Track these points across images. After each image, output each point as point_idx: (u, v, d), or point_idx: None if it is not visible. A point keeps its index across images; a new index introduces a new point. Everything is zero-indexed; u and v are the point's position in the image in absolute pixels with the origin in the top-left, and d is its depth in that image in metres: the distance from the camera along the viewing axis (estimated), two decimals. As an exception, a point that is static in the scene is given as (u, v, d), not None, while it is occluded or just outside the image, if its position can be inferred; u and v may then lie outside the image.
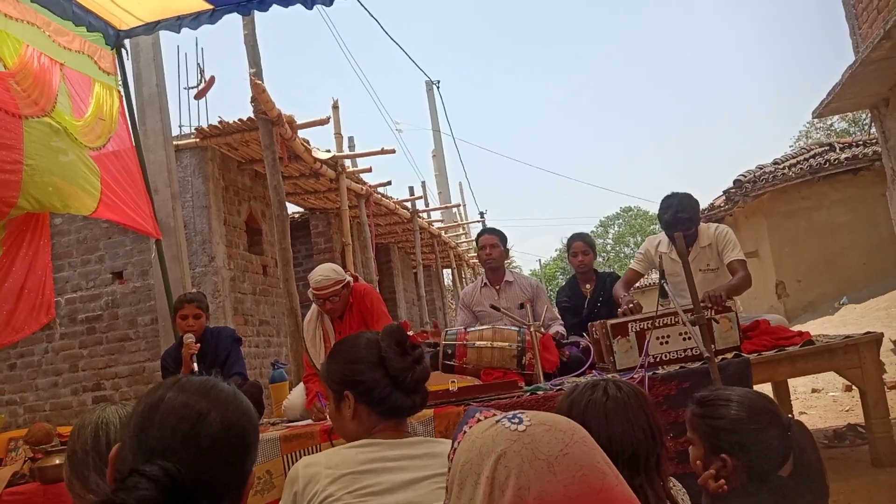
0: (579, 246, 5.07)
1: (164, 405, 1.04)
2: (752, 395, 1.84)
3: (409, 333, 1.85)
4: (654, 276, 4.48)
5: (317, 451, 2.56)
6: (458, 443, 0.95)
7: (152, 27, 5.01)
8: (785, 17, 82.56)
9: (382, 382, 1.71)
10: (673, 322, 3.64)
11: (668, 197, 4.30)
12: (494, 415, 0.96)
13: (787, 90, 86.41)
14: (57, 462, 3.33)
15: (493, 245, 4.89)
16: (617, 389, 1.54)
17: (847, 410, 5.21)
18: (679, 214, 4.20)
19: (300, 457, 3.21)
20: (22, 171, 4.12)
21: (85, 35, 4.82)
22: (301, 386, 4.29)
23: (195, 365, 4.06)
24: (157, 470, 0.94)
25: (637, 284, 4.85)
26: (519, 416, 0.92)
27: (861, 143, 12.51)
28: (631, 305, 4.00)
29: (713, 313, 3.59)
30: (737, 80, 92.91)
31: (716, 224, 4.59)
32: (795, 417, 4.94)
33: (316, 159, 7.81)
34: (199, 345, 4.18)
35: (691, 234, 4.25)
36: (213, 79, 7.54)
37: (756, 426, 1.71)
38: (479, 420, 0.97)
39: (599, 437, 1.02)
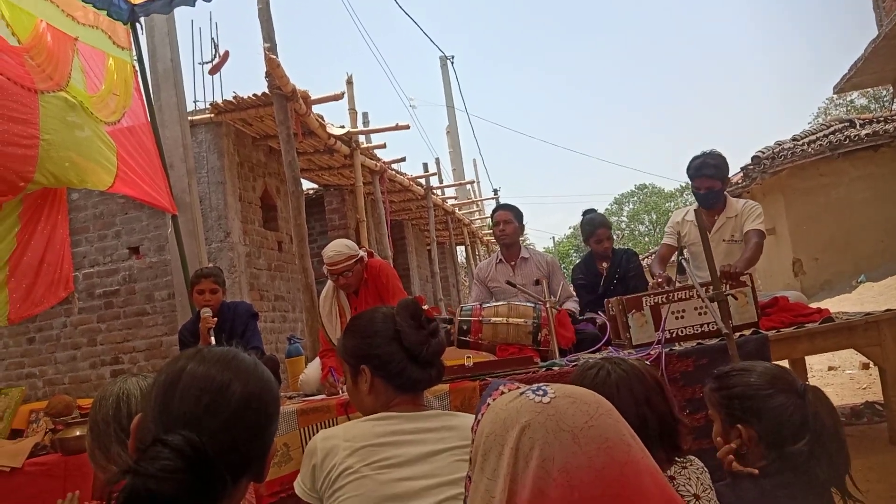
0: (603, 233, 5.00)
1: (185, 376, 1.04)
2: (766, 365, 1.82)
3: (424, 307, 1.85)
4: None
5: (333, 425, 2.58)
6: (482, 414, 0.94)
7: (168, 3, 4.99)
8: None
9: (398, 356, 1.72)
10: (688, 296, 3.62)
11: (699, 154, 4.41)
12: (518, 387, 0.96)
13: (807, 66, 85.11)
14: (77, 433, 3.37)
15: (507, 221, 4.84)
16: (612, 371, 1.54)
17: (864, 388, 5.18)
18: (707, 160, 4.27)
19: (317, 430, 3.23)
20: (38, 146, 4.12)
21: (99, 10, 4.81)
22: (317, 361, 4.31)
23: (212, 339, 4.09)
24: (180, 440, 0.94)
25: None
26: (543, 388, 0.91)
27: (882, 119, 12.31)
28: (663, 279, 4.04)
29: (728, 288, 3.57)
30: (757, 55, 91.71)
31: (748, 200, 4.62)
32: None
33: (330, 135, 7.79)
34: (216, 318, 4.21)
35: (716, 192, 4.30)
36: (227, 54, 7.52)
37: (769, 392, 1.68)
38: (503, 392, 0.96)
39: None
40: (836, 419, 1.68)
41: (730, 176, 4.58)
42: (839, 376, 5.88)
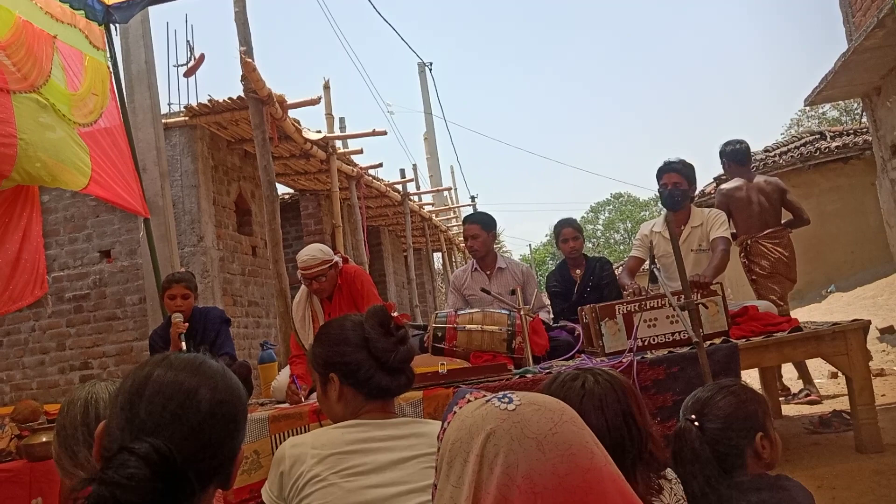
0: (569, 232, 5.05)
1: (152, 382, 1.03)
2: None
3: (393, 314, 1.85)
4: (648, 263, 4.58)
5: (305, 432, 2.56)
6: (448, 422, 0.95)
7: (138, 3, 4.96)
8: (778, 3, 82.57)
9: (367, 363, 1.71)
10: (660, 305, 3.66)
11: None
12: (485, 395, 0.96)
13: (779, 78, 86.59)
14: (44, 439, 3.31)
15: (474, 236, 4.79)
16: (595, 382, 1.51)
17: (832, 397, 5.26)
18: (672, 163, 4.40)
19: (288, 437, 3.21)
20: (16, 145, 4.07)
21: (75, 9, 4.77)
22: (288, 367, 4.28)
23: (183, 344, 4.05)
24: (147, 447, 0.93)
25: None
26: (509, 395, 0.92)
27: (852, 131, 12.57)
28: (635, 290, 4.08)
29: (699, 297, 3.62)
30: (729, 66, 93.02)
31: (711, 208, 4.69)
32: (781, 403, 5.00)
33: (306, 140, 7.76)
34: (187, 324, 4.17)
35: (682, 191, 4.38)
36: (202, 56, 7.47)
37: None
38: (469, 400, 0.97)
39: None
40: (696, 464, 1.71)
41: (702, 187, 4.67)
42: (808, 385, 5.95)
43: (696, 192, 4.90)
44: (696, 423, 1.75)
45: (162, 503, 0.92)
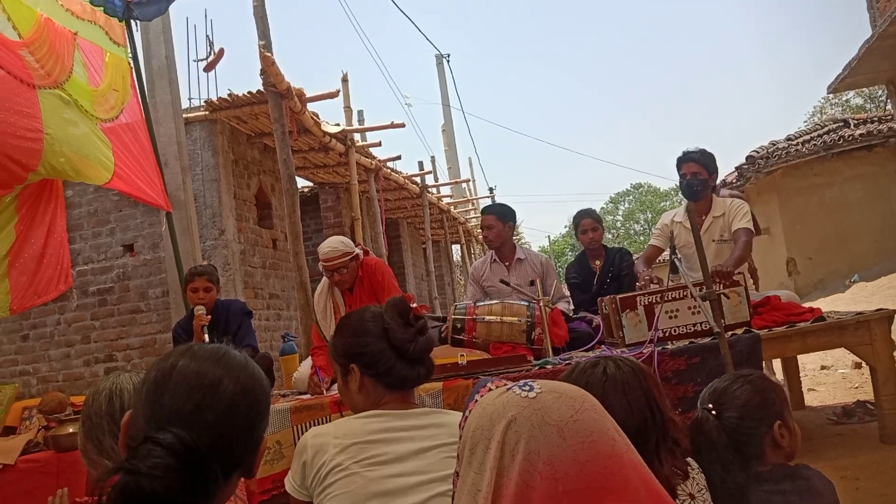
0: (588, 223, 5.03)
1: (176, 372, 1.04)
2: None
3: (412, 305, 1.86)
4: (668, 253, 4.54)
5: (327, 422, 2.58)
6: (470, 411, 0.95)
7: (164, 3, 5.01)
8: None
9: (386, 354, 1.72)
10: (682, 296, 3.64)
11: None
12: (506, 384, 0.97)
13: (802, 65, 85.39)
14: (70, 430, 3.37)
15: (489, 226, 4.80)
16: (616, 368, 1.51)
17: (856, 387, 5.21)
18: (691, 152, 4.36)
19: (310, 427, 3.24)
20: (43, 140, 4.13)
21: (95, 6, 4.81)
22: (310, 359, 4.31)
23: (206, 336, 4.09)
24: (171, 437, 0.94)
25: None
26: (530, 383, 0.92)
27: (876, 119, 12.37)
28: (648, 279, 4.04)
29: (721, 288, 3.59)
30: (752, 55, 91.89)
31: (734, 198, 4.65)
32: (804, 394, 4.96)
33: (325, 133, 7.78)
34: (209, 316, 4.21)
35: (701, 181, 4.34)
36: (222, 51, 7.49)
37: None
38: (490, 389, 0.97)
39: None
40: (714, 453, 1.69)
41: (724, 176, 4.64)
42: (832, 375, 5.91)
43: (718, 182, 4.86)
44: (714, 413, 1.74)
45: (187, 492, 0.93)
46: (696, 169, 4.32)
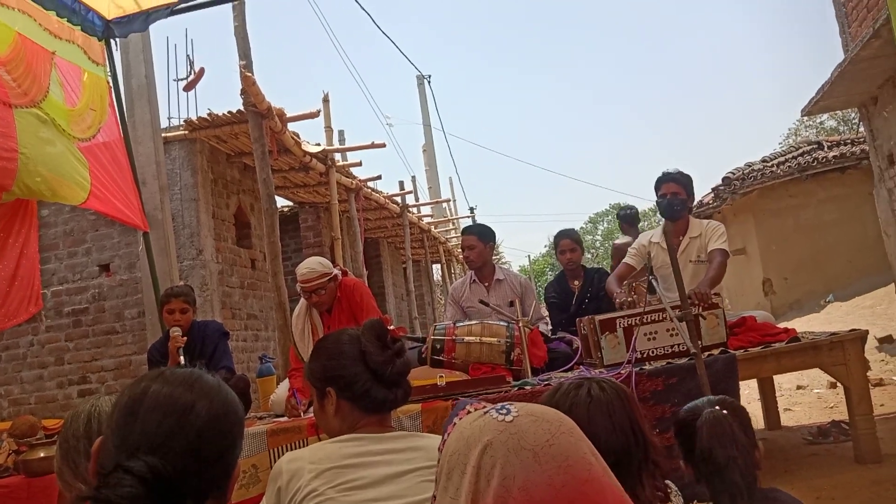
0: (567, 244, 5.06)
1: (147, 398, 1.02)
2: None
3: (389, 328, 1.85)
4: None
5: (304, 446, 2.56)
6: (448, 434, 0.95)
7: (144, 20, 5.00)
8: (775, 15, 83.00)
9: (363, 377, 1.71)
10: (661, 318, 3.66)
11: None
12: (484, 407, 0.96)
13: (777, 88, 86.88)
14: (42, 455, 3.30)
15: (470, 247, 4.81)
16: (600, 390, 1.51)
17: (831, 407, 5.25)
18: (671, 173, 4.40)
19: (286, 451, 3.20)
20: (17, 160, 4.09)
21: (73, 25, 4.79)
22: (287, 381, 4.27)
23: (182, 358, 4.04)
24: (142, 466, 0.92)
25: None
26: (507, 407, 0.92)
27: (849, 141, 12.59)
28: (623, 300, 4.06)
29: (700, 310, 3.62)
30: (726, 78, 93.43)
31: (710, 220, 4.70)
32: (780, 414, 4.99)
33: (306, 153, 7.78)
34: (185, 338, 4.16)
35: (680, 200, 4.38)
36: (202, 70, 7.49)
37: (681, 425, 1.84)
38: (469, 412, 0.97)
39: None
40: (730, 452, 1.72)
41: (700, 197, 4.69)
42: (807, 395, 5.96)
43: (694, 203, 4.91)
44: (724, 410, 1.77)
45: None
46: (676, 189, 4.37)
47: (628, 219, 7.00)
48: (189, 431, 1.00)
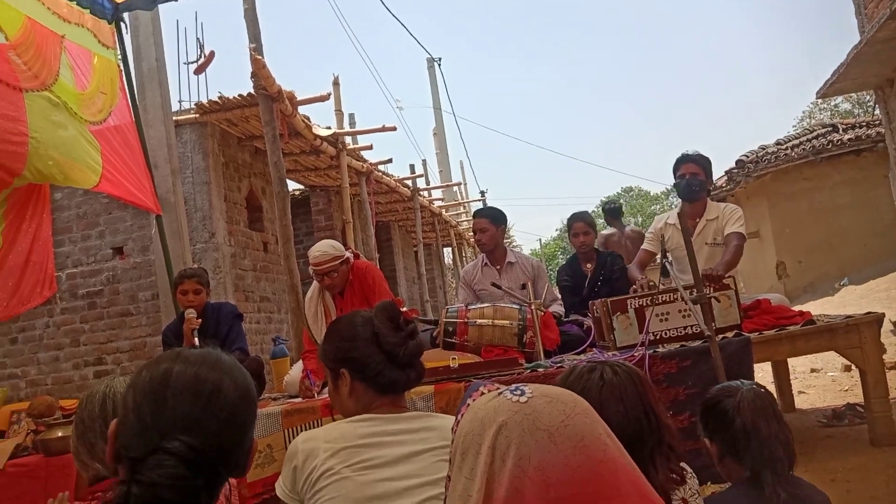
0: (580, 227, 5.04)
1: (174, 379, 1.03)
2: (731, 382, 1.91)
3: (402, 309, 1.86)
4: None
5: (318, 426, 2.57)
6: (462, 415, 0.95)
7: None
8: (772, 12, 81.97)
9: (376, 358, 1.72)
10: (672, 299, 3.64)
11: None
12: (498, 388, 0.96)
13: (791, 71, 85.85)
14: (59, 434, 3.34)
15: (482, 230, 4.78)
16: (613, 374, 1.50)
17: (846, 390, 5.23)
18: (690, 154, 4.39)
19: (301, 431, 3.22)
20: (28, 144, 4.10)
21: (82, 8, 4.79)
22: (301, 362, 4.30)
23: (196, 340, 4.06)
24: (180, 446, 0.94)
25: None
26: (521, 388, 0.92)
27: (864, 124, 12.46)
28: (644, 283, 4.05)
29: (712, 291, 3.60)
30: (740, 60, 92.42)
31: (728, 203, 4.67)
32: (794, 397, 4.98)
33: (316, 136, 7.77)
34: (200, 319, 4.18)
35: (699, 182, 4.36)
36: (212, 54, 7.47)
37: (715, 407, 1.83)
38: (482, 393, 0.97)
39: None
40: (773, 427, 1.73)
41: (714, 180, 4.65)
42: (822, 378, 5.94)
43: (711, 186, 4.88)
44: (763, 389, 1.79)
45: (201, 497, 0.95)
46: (696, 170, 4.34)
47: (613, 212, 7.40)
48: (221, 409, 1.03)
